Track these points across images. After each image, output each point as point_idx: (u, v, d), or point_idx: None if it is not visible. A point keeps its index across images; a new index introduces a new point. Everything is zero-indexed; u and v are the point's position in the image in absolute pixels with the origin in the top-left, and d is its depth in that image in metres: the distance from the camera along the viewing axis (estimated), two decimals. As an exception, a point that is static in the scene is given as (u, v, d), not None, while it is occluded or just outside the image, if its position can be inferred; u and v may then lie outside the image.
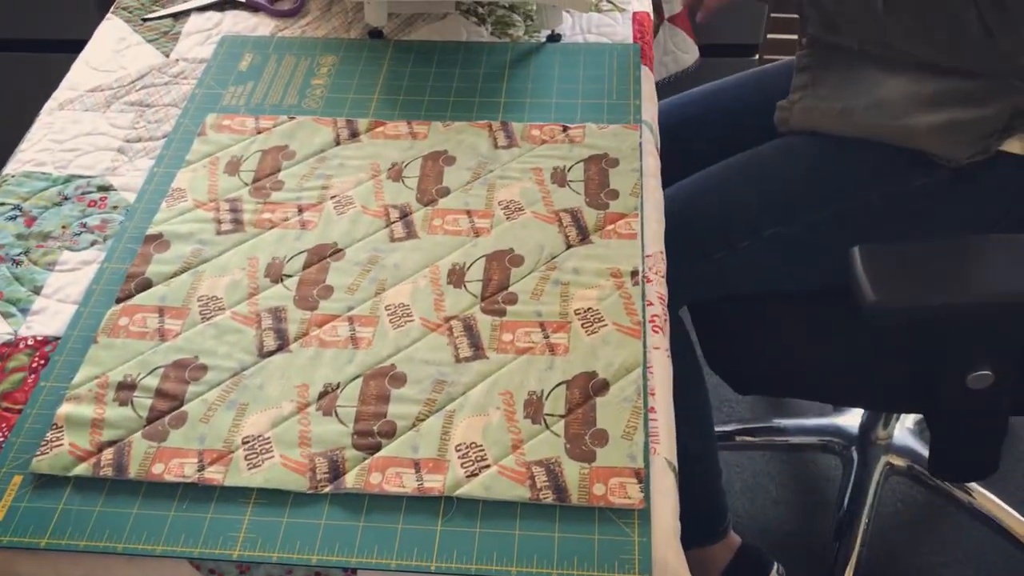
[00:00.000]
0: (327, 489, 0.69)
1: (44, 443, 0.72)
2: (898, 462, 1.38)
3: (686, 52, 1.40)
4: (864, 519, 1.33)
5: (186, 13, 1.13)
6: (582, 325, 0.78)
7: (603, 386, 0.74)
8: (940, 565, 1.38)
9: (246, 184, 0.91)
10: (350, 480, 0.69)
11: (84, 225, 0.88)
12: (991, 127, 0.97)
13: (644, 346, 0.77)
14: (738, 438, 1.48)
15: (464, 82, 1.01)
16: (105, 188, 0.92)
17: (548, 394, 0.74)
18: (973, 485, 1.35)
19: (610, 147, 0.93)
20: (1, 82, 1.66)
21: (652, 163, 0.92)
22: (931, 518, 1.44)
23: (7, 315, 0.81)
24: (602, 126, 0.95)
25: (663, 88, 1.22)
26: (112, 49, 1.08)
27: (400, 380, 0.75)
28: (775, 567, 1.27)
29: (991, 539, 1.37)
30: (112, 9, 1.14)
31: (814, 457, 1.52)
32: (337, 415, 0.73)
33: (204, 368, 0.76)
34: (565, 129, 0.95)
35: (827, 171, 1.05)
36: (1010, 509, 1.33)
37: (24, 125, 1.00)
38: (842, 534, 1.33)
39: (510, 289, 0.81)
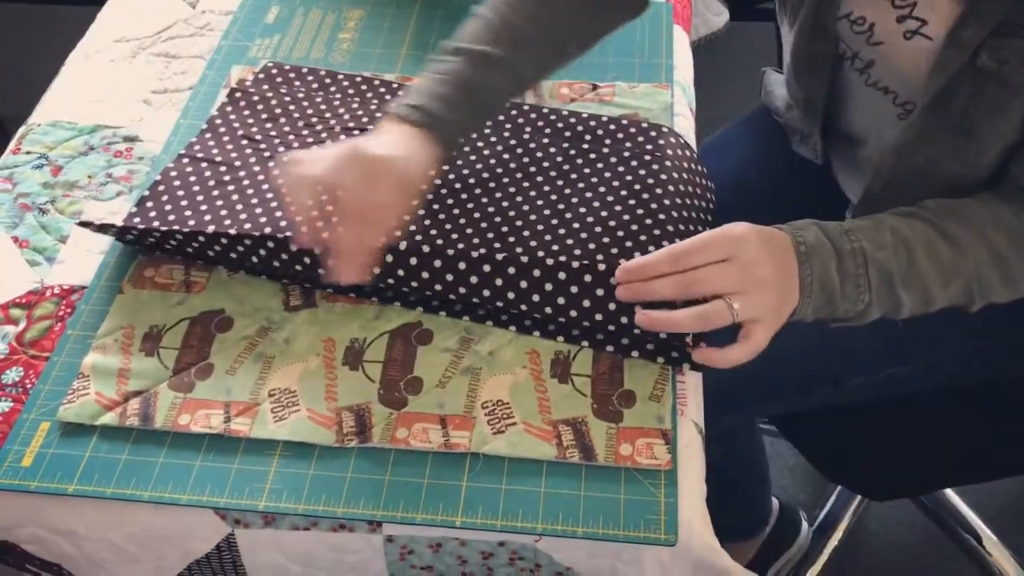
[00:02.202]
0: (353, 443, 0.69)
1: (71, 391, 0.72)
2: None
3: (717, 15, 1.37)
4: (846, 521, 1.33)
5: (212, -36, 1.11)
6: (610, 285, 0.77)
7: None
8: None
9: (272, 137, 0.90)
10: (376, 434, 0.69)
11: (110, 175, 0.88)
12: None
13: (673, 308, 0.76)
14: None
15: (493, 38, 0.99)
16: (131, 139, 0.91)
17: (575, 354, 0.73)
18: (982, 526, 1.29)
19: (640, 107, 0.91)
20: (27, 33, 1.65)
21: (684, 123, 0.90)
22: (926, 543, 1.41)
23: (33, 263, 0.81)
24: (632, 85, 0.93)
25: (693, 54, 1.19)
26: (138, 0, 1.07)
27: (426, 337, 0.75)
28: (803, 524, 1.27)
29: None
30: (137, -41, 1.13)
31: (831, 425, 1.51)
32: (364, 370, 0.73)
33: (230, 321, 0.76)
34: (595, 87, 0.93)
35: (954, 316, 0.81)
36: (1009, 557, 1.27)
37: (50, 76, 0.99)
38: (821, 532, 1.33)
39: (538, 248, 0.80)
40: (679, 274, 0.67)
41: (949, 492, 1.32)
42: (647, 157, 0.84)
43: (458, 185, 0.83)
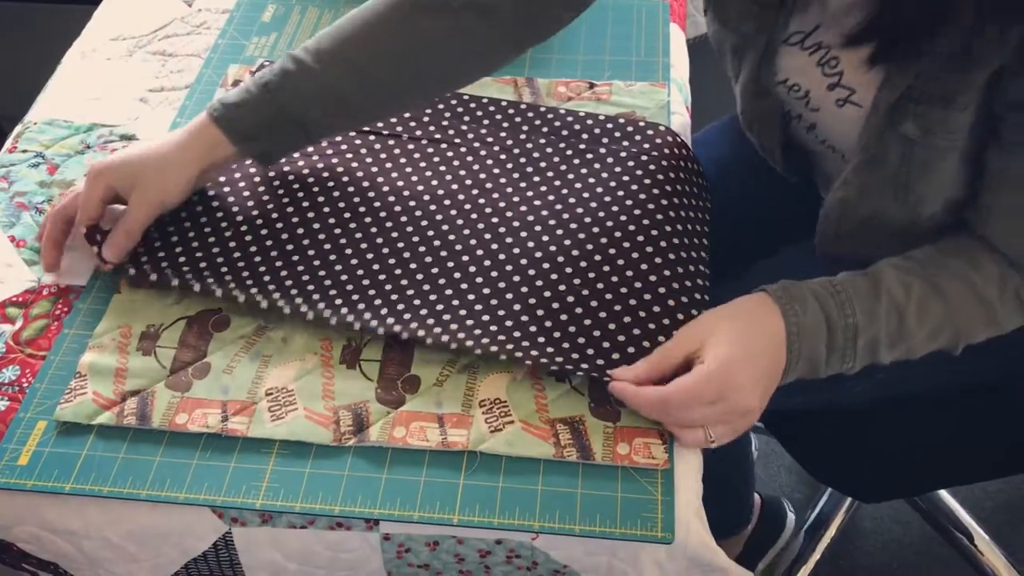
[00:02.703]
0: (351, 442, 0.69)
1: (68, 391, 0.72)
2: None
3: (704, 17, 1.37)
4: (837, 520, 1.33)
5: (208, -37, 1.11)
6: (607, 284, 0.77)
7: (628, 345, 0.73)
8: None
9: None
10: (374, 433, 0.69)
11: (107, 174, 0.88)
12: None
13: (670, 306, 0.76)
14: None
15: (490, 37, 0.99)
16: (128, 137, 0.91)
17: (572, 352, 0.73)
18: (975, 525, 1.28)
19: (637, 105, 0.91)
20: (24, 31, 1.65)
21: (680, 122, 0.91)
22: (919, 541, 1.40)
23: (30, 262, 0.81)
24: (629, 83, 0.94)
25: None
26: (134, -2, 1.07)
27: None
28: (789, 516, 1.27)
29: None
30: (134, -43, 1.13)
31: (828, 426, 1.50)
32: (361, 369, 0.73)
33: (227, 320, 0.76)
34: (592, 86, 0.93)
35: None
36: (1001, 556, 1.26)
37: (46, 75, 0.99)
38: (813, 530, 1.32)
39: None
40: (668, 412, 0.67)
41: (942, 492, 1.32)
42: (644, 157, 0.84)
43: (455, 186, 0.83)
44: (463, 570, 0.70)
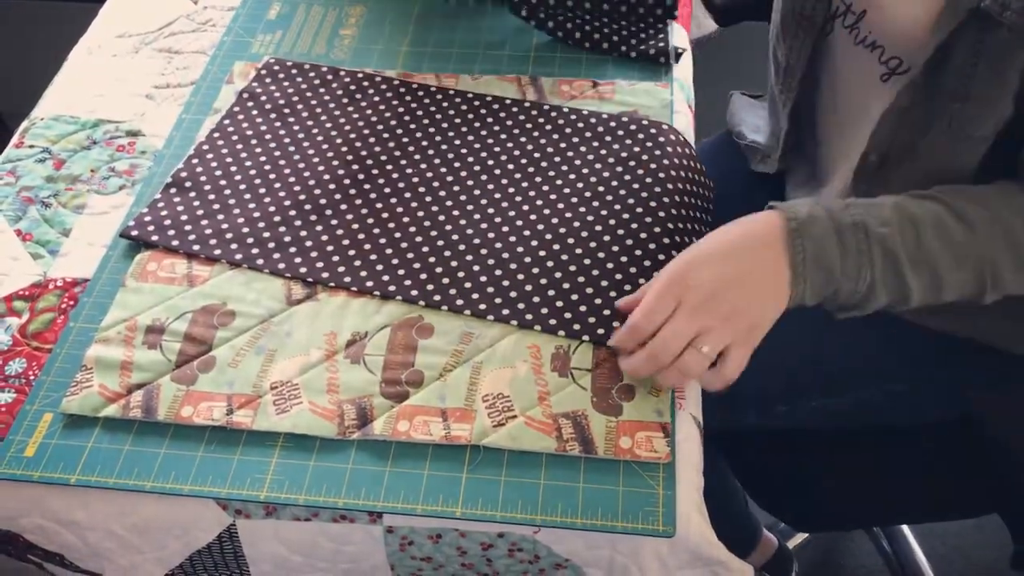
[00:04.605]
0: (355, 435, 0.69)
1: (74, 384, 0.72)
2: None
3: (707, 17, 1.37)
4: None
5: (214, -39, 1.11)
6: (610, 281, 0.78)
7: (630, 341, 0.74)
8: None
9: (274, 133, 0.91)
10: (378, 427, 0.69)
11: (112, 169, 0.88)
12: None
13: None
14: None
15: (494, 35, 1.00)
16: (133, 133, 0.92)
17: (575, 348, 0.74)
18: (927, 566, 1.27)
19: (640, 104, 0.92)
20: (30, 28, 1.66)
21: (682, 121, 0.91)
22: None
23: (36, 256, 0.82)
24: (632, 83, 0.94)
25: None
26: (140, -5, 1.08)
27: (427, 331, 0.75)
28: (794, 569, 1.25)
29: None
30: (140, -45, 1.13)
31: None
32: (365, 363, 0.73)
33: (232, 314, 0.77)
34: (595, 85, 0.94)
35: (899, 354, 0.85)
36: None
37: (53, 71, 1.00)
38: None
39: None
40: (647, 347, 0.67)
41: (908, 533, 1.32)
42: (645, 156, 0.85)
43: (456, 188, 0.84)
44: (465, 563, 0.70)
